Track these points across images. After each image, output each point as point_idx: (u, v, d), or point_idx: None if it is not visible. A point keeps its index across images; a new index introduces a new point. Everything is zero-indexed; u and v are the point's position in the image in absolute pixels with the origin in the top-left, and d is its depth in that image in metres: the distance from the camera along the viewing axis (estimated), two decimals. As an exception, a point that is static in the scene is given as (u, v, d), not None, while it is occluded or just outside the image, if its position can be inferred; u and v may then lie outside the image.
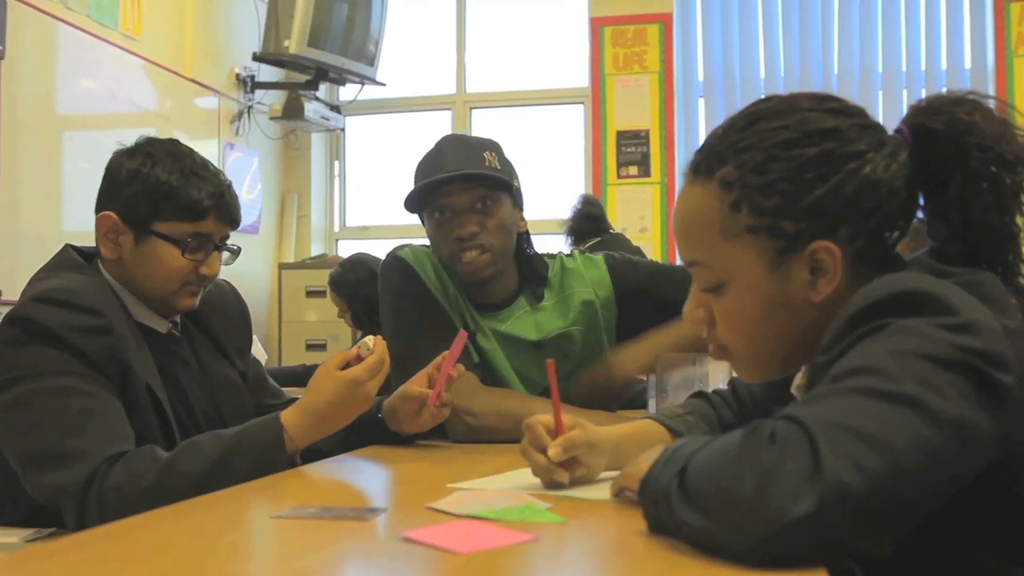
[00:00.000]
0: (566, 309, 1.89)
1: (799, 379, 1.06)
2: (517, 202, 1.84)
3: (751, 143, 0.99)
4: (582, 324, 1.88)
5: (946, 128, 0.97)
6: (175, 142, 1.58)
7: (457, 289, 1.83)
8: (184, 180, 1.51)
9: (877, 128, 1.00)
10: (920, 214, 1.02)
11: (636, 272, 1.94)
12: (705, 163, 1.02)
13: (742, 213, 0.98)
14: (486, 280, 1.80)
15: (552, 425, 1.20)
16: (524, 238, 1.87)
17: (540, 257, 1.92)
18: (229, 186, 1.57)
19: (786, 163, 0.97)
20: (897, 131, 1.01)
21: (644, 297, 1.89)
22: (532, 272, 1.89)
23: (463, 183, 1.75)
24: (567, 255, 1.97)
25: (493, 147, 1.82)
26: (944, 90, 1.03)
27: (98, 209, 1.54)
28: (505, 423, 1.65)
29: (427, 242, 1.87)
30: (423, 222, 1.84)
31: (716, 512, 0.77)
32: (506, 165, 1.82)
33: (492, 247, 1.77)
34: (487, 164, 1.77)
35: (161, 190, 1.50)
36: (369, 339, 1.47)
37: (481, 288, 1.83)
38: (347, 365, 1.45)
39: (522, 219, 1.86)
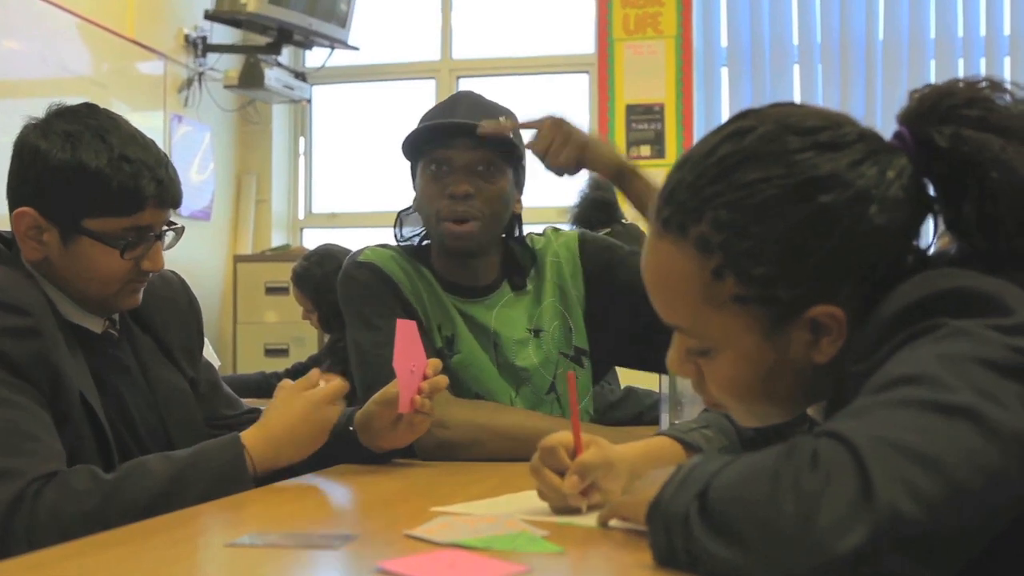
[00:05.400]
0: (542, 286, 1.95)
1: None
2: (519, 181, 1.92)
3: (729, 199, 0.96)
4: (556, 298, 1.94)
5: (953, 146, 0.96)
6: (93, 109, 1.54)
7: (431, 283, 1.87)
8: (115, 166, 1.47)
9: (876, 149, 0.98)
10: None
11: (610, 252, 1.99)
12: (676, 219, 0.99)
13: (727, 282, 0.97)
14: (466, 252, 1.85)
15: (570, 443, 1.22)
16: (515, 220, 1.94)
17: (524, 243, 1.98)
18: (167, 162, 1.53)
19: (775, 225, 0.95)
20: (897, 135, 1.00)
21: (612, 276, 1.94)
22: (516, 258, 1.95)
23: (470, 139, 1.82)
24: (538, 234, 2.02)
25: (510, 115, 1.90)
26: (949, 81, 1.00)
27: (12, 201, 1.51)
28: (481, 435, 1.72)
29: (386, 241, 1.94)
30: (413, 175, 1.91)
31: (749, 543, 0.78)
32: (519, 138, 1.90)
33: (483, 216, 1.83)
34: None
35: (89, 182, 1.46)
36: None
37: (461, 267, 1.88)
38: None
39: (519, 201, 1.93)
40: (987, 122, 0.96)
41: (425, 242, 1.92)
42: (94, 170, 1.46)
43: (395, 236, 1.94)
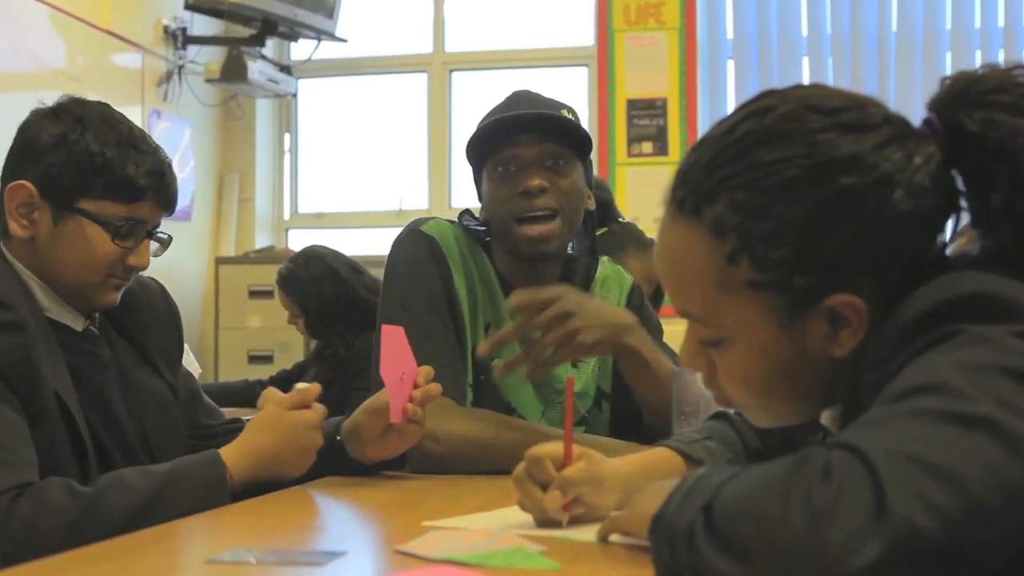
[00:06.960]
0: None
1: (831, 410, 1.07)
2: (588, 176, 1.89)
3: (746, 180, 0.96)
4: None
5: (984, 131, 0.96)
6: (107, 107, 1.61)
7: (490, 279, 1.85)
8: (120, 153, 1.53)
9: (902, 133, 0.98)
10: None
11: (649, 313, 2.00)
12: (691, 200, 0.99)
13: (741, 267, 0.97)
14: (547, 255, 1.81)
15: (559, 455, 1.22)
16: (589, 218, 1.92)
17: (595, 252, 1.98)
18: (170, 165, 1.60)
19: (793, 207, 0.95)
20: (926, 122, 1.00)
21: None
22: (574, 271, 1.94)
23: (534, 133, 1.79)
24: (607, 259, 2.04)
25: (570, 108, 1.87)
26: (977, 67, 1.00)
27: (7, 178, 1.55)
28: (473, 452, 1.69)
29: (446, 218, 1.91)
30: (478, 184, 1.88)
31: (757, 559, 0.78)
32: (586, 135, 1.87)
33: (563, 210, 1.80)
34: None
35: (92, 162, 1.52)
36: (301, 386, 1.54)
37: (525, 269, 1.85)
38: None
39: (591, 196, 1.90)
40: (1021, 108, 0.96)
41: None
42: (98, 152, 1.53)
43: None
